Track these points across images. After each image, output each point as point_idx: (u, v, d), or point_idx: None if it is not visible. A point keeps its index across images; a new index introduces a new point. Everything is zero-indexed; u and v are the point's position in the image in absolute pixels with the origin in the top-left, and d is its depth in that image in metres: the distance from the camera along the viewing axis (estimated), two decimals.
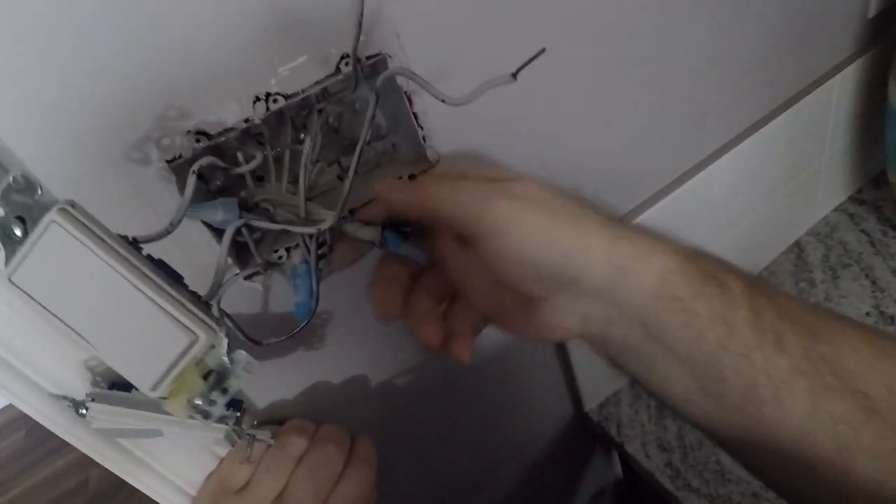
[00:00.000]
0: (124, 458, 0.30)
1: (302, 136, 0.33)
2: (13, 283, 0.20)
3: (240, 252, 0.31)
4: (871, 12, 0.52)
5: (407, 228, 0.31)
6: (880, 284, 0.58)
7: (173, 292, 0.21)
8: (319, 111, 0.31)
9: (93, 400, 0.25)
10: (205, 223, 0.29)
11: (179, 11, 0.23)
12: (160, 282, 0.21)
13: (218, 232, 0.30)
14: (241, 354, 0.21)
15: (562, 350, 0.51)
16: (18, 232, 0.20)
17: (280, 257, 0.31)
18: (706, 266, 0.23)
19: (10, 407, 1.96)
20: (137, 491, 0.32)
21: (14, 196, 0.20)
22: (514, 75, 0.26)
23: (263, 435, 0.29)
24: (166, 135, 0.25)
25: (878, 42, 0.54)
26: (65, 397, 0.25)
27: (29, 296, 0.20)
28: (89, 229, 0.20)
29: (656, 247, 0.23)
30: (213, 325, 0.22)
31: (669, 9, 0.38)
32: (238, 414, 0.26)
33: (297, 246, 0.31)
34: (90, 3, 0.21)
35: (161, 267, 0.22)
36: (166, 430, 0.26)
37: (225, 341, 0.22)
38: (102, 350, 0.21)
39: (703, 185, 0.49)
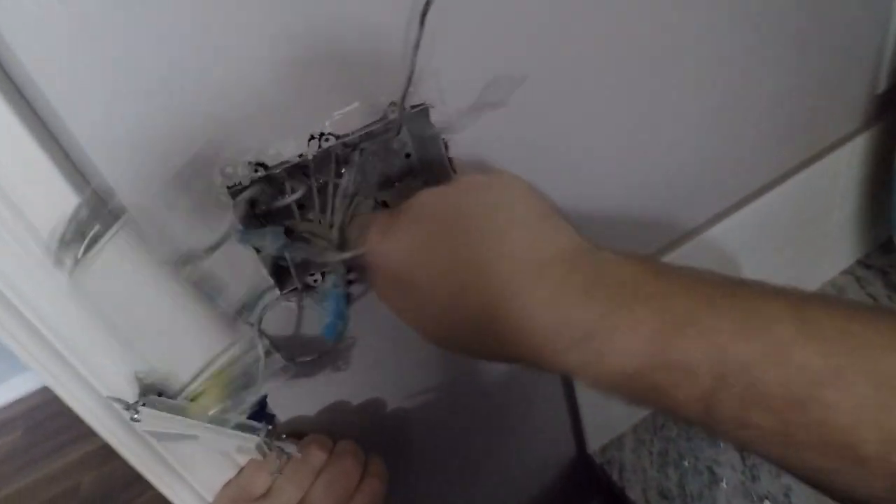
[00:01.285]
0: (153, 459, 0.32)
1: (342, 171, 0.36)
2: (77, 287, 0.22)
3: (280, 274, 0.34)
4: (880, 89, 0.55)
5: None
6: None
7: (212, 303, 0.23)
8: (362, 150, 0.34)
9: (144, 405, 0.27)
10: (254, 247, 0.31)
11: (255, 57, 0.26)
12: (200, 294, 0.23)
13: (264, 256, 0.32)
14: (274, 361, 0.23)
15: (569, 389, 0.52)
16: (87, 241, 0.22)
17: (315, 280, 0.34)
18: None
19: (7, 406, 1.97)
20: (132, 500, 0.33)
21: (92, 204, 0.22)
22: (504, 100, 0.28)
23: (291, 448, 0.31)
24: (230, 164, 0.28)
25: (887, 116, 0.57)
26: (119, 400, 0.27)
27: (90, 298, 0.22)
28: (142, 246, 0.22)
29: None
30: (249, 333, 0.24)
31: (683, 63, 0.41)
32: (270, 427, 0.28)
33: (331, 272, 0.34)
34: (179, 40, 0.25)
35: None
36: (202, 436, 0.28)
37: (258, 351, 0.24)
38: (142, 352, 0.23)
39: (712, 240, 0.51)
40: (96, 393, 0.27)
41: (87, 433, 0.31)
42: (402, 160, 0.39)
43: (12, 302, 0.24)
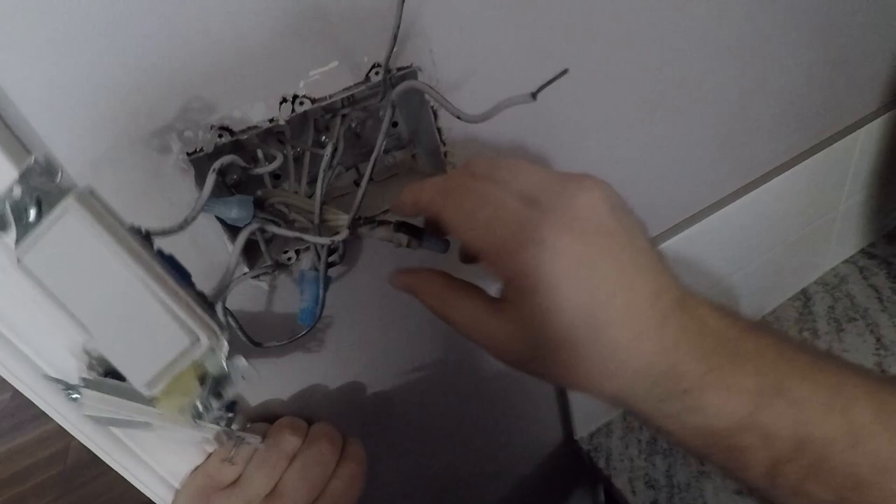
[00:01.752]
0: (112, 445, 0.30)
1: (323, 138, 0.33)
2: (22, 265, 0.20)
3: (249, 250, 0.31)
4: None
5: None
6: (884, 342, 0.58)
7: (179, 291, 0.21)
8: (343, 116, 0.31)
9: (85, 386, 0.25)
10: (218, 219, 0.28)
11: (215, 2, 0.23)
12: (168, 279, 0.20)
13: (231, 228, 0.29)
14: (241, 361, 0.21)
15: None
16: (33, 214, 0.20)
17: (289, 258, 0.31)
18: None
19: None
20: None
21: (34, 178, 0.19)
22: (534, 95, 0.26)
23: (253, 439, 0.29)
24: (189, 127, 0.25)
25: None
26: (58, 380, 0.25)
27: (36, 279, 0.20)
28: (104, 218, 0.19)
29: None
30: (216, 328, 0.21)
31: (701, 45, 0.38)
32: (231, 415, 0.26)
33: (307, 249, 0.31)
34: None
35: (170, 263, 0.22)
36: (156, 424, 0.26)
37: (226, 346, 0.22)
38: (102, 341, 0.20)
39: (719, 223, 0.48)
40: (39, 370, 0.25)
41: None
42: (387, 129, 0.36)
43: None
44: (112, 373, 0.26)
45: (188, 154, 0.25)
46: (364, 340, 0.37)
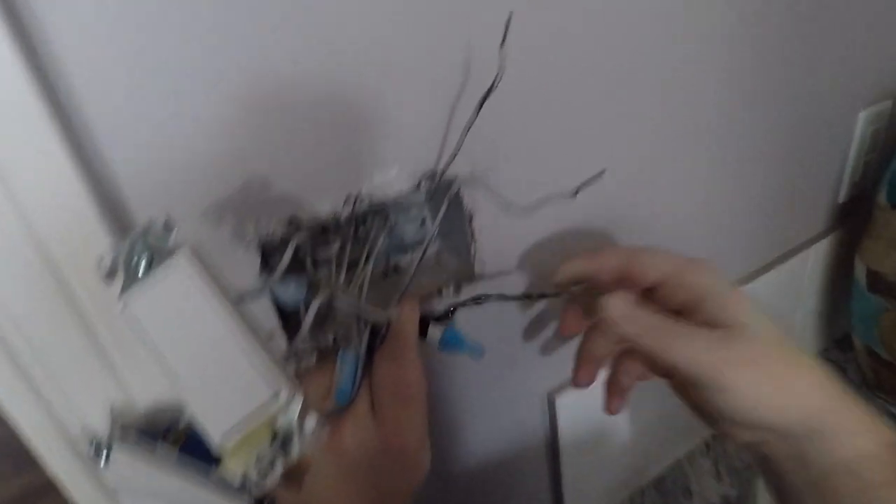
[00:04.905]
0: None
1: (360, 230, 0.36)
2: (127, 312, 0.21)
3: (289, 327, 0.33)
4: (842, 198, 0.61)
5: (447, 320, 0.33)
6: None
7: (265, 346, 0.22)
8: (385, 214, 0.35)
9: (118, 447, 0.24)
10: (271, 294, 0.30)
11: (309, 117, 0.27)
12: (255, 335, 0.22)
13: (279, 305, 0.31)
14: (312, 420, 0.22)
15: (555, 470, 0.51)
16: (143, 266, 0.21)
17: (329, 340, 0.33)
18: None
19: None
20: None
21: (151, 235, 0.22)
22: (574, 194, 0.30)
23: None
24: (264, 216, 0.28)
25: (847, 223, 0.63)
26: (93, 435, 0.24)
27: (139, 325, 0.21)
28: (207, 274, 0.21)
29: (866, 425, 0.26)
30: (294, 384, 0.22)
31: (663, 183, 0.45)
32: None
33: (345, 333, 0.33)
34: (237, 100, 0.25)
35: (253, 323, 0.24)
36: (176, 495, 0.25)
37: (300, 403, 0.23)
38: (187, 389, 0.21)
39: None
40: (59, 421, 0.25)
41: None
42: (416, 226, 0.39)
43: None
44: (142, 434, 0.26)
45: (260, 238, 0.28)
46: None
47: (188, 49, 0.23)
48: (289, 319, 0.33)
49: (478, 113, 0.27)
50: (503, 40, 0.25)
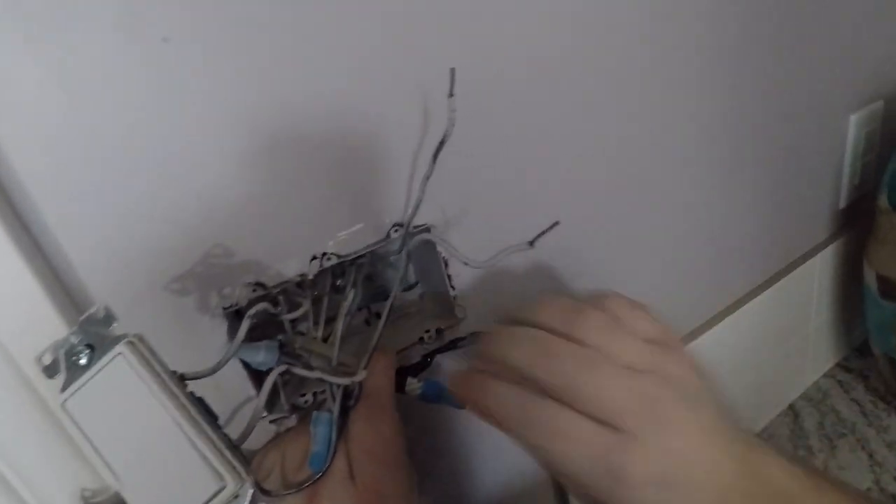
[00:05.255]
0: None
1: (338, 282, 0.36)
2: (64, 408, 0.20)
3: (270, 395, 0.32)
4: (842, 204, 0.59)
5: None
6: (877, 458, 0.59)
7: (211, 434, 0.21)
8: (360, 265, 0.34)
9: None
10: (242, 362, 0.30)
11: (263, 179, 0.27)
12: (201, 422, 0.21)
13: (253, 372, 0.31)
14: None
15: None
16: (84, 360, 0.21)
17: (306, 402, 0.32)
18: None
19: None
20: None
21: (91, 326, 0.21)
22: (531, 243, 0.29)
23: None
24: (228, 284, 0.27)
25: (851, 229, 0.61)
26: None
27: (76, 422, 0.20)
28: (150, 364, 0.20)
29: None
30: (242, 472, 0.21)
31: (660, 198, 0.44)
32: None
33: (323, 392, 0.32)
34: (184, 167, 0.25)
35: (201, 405, 0.23)
36: None
37: (250, 492, 0.22)
38: (128, 487, 0.20)
39: (697, 351, 0.51)
40: None
41: None
42: (395, 274, 0.39)
43: None
44: None
45: (224, 308, 0.27)
46: None
47: (136, 140, 0.23)
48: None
49: (434, 163, 0.27)
50: (451, 91, 0.25)
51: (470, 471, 0.42)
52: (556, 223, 0.29)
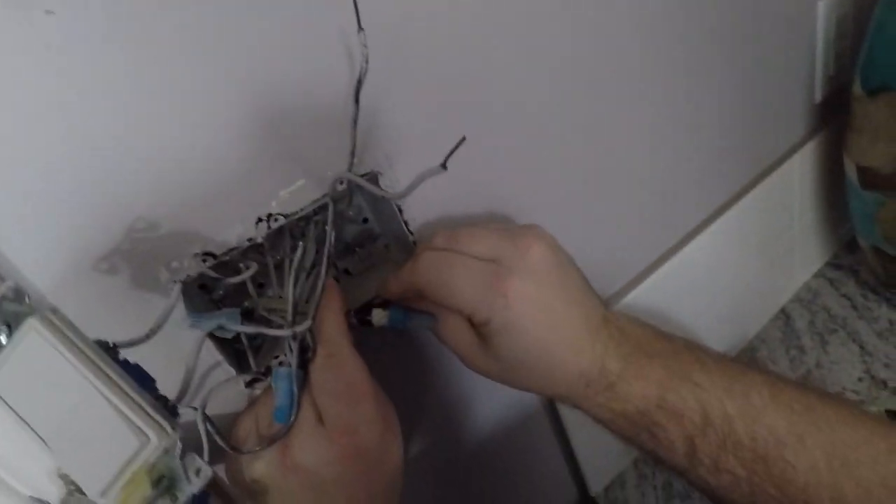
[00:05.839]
0: None
1: (300, 244, 0.35)
2: None
3: (241, 359, 0.32)
4: (818, 97, 0.57)
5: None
6: (868, 349, 0.60)
7: (134, 395, 0.21)
8: (316, 222, 0.34)
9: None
10: (212, 336, 0.30)
11: (188, 146, 0.26)
12: (123, 385, 0.21)
13: (220, 341, 0.31)
14: (194, 459, 0.22)
15: (562, 435, 0.50)
16: (3, 338, 0.21)
17: (280, 363, 0.32)
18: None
19: None
20: None
21: (4, 304, 0.21)
22: (444, 165, 0.28)
23: None
24: (176, 258, 0.27)
25: (828, 124, 0.59)
26: (40, 500, 0.25)
27: (2, 399, 0.21)
28: (64, 335, 0.20)
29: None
30: (169, 428, 0.21)
31: (637, 110, 0.42)
32: None
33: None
34: (111, 138, 0.24)
35: (134, 371, 0.23)
36: None
37: (179, 445, 0.22)
38: (60, 456, 0.21)
39: (683, 263, 0.51)
40: (15, 493, 0.25)
41: None
42: (359, 226, 0.38)
43: None
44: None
45: (180, 282, 0.27)
46: None
47: (43, 110, 0.22)
48: (236, 353, 0.33)
49: (357, 104, 0.26)
50: (359, 25, 0.24)
51: (462, 404, 0.43)
52: (463, 139, 0.27)
